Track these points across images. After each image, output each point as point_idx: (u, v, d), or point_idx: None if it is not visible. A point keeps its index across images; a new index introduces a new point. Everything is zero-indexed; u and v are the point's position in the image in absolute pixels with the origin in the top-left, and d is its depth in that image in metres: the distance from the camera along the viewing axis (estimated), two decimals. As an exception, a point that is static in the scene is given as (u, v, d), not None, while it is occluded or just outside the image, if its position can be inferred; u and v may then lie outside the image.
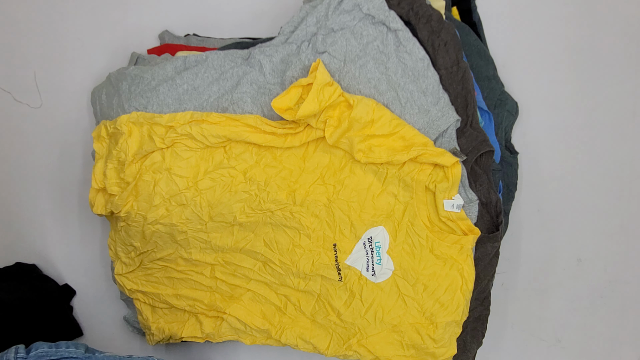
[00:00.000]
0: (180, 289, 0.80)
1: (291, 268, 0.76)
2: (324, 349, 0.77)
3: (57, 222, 0.94)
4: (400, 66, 0.70)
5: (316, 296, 0.76)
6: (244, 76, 0.73)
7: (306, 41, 0.72)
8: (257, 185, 0.73)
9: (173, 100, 0.74)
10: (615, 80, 0.89)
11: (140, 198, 0.75)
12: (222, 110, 0.73)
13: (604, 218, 0.90)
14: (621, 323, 0.91)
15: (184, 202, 0.75)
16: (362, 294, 0.75)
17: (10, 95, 0.92)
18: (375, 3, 0.70)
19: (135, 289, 0.81)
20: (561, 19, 0.89)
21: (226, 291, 0.78)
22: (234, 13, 0.92)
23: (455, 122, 0.70)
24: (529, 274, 0.91)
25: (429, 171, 0.70)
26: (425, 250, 0.72)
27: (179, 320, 0.82)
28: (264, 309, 0.79)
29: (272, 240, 0.76)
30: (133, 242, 0.78)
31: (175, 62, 0.75)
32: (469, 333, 0.76)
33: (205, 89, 0.74)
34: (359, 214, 0.73)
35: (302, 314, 0.78)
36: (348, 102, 0.68)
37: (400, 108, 0.71)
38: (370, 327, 0.75)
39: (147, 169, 0.74)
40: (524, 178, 0.88)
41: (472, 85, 0.70)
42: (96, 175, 0.77)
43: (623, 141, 0.89)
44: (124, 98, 0.76)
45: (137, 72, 0.76)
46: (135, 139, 0.74)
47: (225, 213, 0.74)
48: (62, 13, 0.92)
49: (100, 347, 0.95)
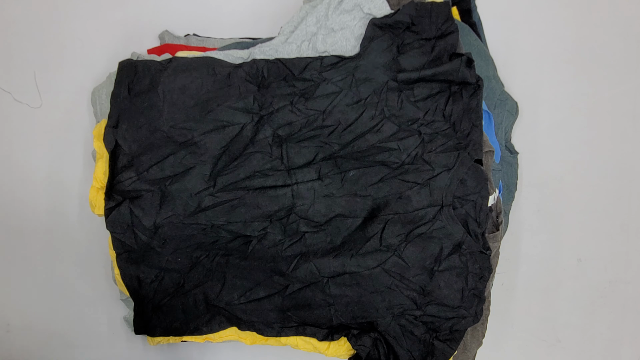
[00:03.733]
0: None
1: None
2: (324, 349, 0.77)
3: (57, 222, 0.93)
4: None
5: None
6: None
7: (306, 41, 0.72)
8: None
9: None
10: (615, 80, 0.89)
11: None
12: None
13: (604, 218, 0.90)
14: (621, 323, 0.91)
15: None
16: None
17: (10, 95, 0.92)
18: (376, 3, 0.70)
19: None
20: (561, 19, 0.89)
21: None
22: (234, 13, 0.92)
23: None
24: (529, 274, 0.91)
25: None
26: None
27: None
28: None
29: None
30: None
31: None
32: (469, 333, 0.76)
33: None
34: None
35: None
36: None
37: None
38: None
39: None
40: (524, 178, 0.88)
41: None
42: (97, 175, 0.77)
43: (623, 141, 0.89)
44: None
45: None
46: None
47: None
48: (62, 13, 0.92)
49: (101, 347, 0.95)
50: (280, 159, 0.72)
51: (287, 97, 0.72)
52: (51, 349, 0.96)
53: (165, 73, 0.73)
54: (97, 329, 0.95)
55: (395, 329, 0.72)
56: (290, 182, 0.73)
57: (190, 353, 0.95)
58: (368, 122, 0.71)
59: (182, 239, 0.75)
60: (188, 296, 0.76)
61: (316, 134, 0.72)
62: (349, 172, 0.72)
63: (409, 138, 0.70)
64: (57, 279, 0.94)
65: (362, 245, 0.72)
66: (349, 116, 0.71)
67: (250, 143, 0.73)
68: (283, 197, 0.73)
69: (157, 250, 0.75)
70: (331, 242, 0.73)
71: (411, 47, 0.70)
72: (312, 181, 0.72)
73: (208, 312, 0.77)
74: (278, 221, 0.73)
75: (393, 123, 0.70)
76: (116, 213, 0.73)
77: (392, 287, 0.72)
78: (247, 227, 0.73)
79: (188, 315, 0.77)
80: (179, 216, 0.74)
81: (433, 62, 0.69)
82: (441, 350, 0.72)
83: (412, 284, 0.71)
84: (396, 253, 0.71)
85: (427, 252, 0.71)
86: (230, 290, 0.76)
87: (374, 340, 0.74)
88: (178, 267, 0.76)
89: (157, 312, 0.77)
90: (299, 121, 0.72)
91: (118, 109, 0.74)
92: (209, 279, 0.76)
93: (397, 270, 0.71)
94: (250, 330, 0.77)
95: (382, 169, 0.71)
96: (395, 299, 0.72)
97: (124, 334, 0.94)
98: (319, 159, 0.72)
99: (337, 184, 0.72)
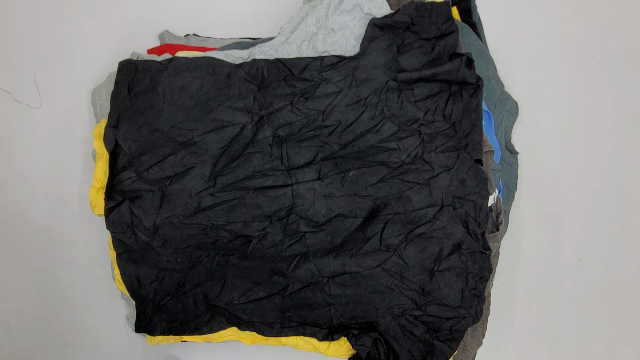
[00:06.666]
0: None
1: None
2: (324, 349, 0.77)
3: (57, 222, 0.94)
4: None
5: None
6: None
7: (306, 41, 0.72)
8: None
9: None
10: (615, 80, 0.89)
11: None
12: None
13: (604, 218, 0.90)
14: (621, 323, 0.91)
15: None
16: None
17: (10, 95, 0.92)
18: (376, 3, 0.70)
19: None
20: (561, 19, 0.89)
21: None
22: (234, 13, 0.92)
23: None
24: (529, 274, 0.91)
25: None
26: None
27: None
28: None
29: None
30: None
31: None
32: (469, 333, 0.76)
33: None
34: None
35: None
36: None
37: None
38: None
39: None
40: (524, 178, 0.89)
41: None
42: (97, 175, 0.77)
43: (623, 141, 0.89)
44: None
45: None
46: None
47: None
48: (62, 13, 0.92)
49: (101, 347, 0.95)
50: (280, 159, 0.72)
51: (287, 97, 0.72)
52: (51, 349, 0.96)
53: (165, 73, 0.73)
54: (97, 329, 0.95)
55: (395, 329, 0.72)
56: (290, 182, 0.72)
57: (190, 353, 0.95)
58: (368, 122, 0.71)
59: (182, 238, 0.75)
60: (188, 296, 0.76)
61: (316, 134, 0.72)
62: (349, 172, 0.72)
63: (409, 138, 0.70)
64: (57, 279, 0.94)
65: (362, 245, 0.72)
66: (349, 116, 0.71)
67: (250, 143, 0.73)
68: (283, 197, 0.73)
69: (157, 250, 0.75)
70: (331, 242, 0.73)
71: (411, 47, 0.70)
72: (312, 181, 0.72)
73: (208, 312, 0.77)
74: (278, 221, 0.73)
75: (393, 123, 0.70)
76: (116, 213, 0.73)
77: (392, 287, 0.72)
78: (247, 227, 0.73)
79: (188, 315, 0.77)
80: (179, 216, 0.74)
81: (433, 62, 0.69)
82: (441, 350, 0.72)
83: (412, 284, 0.71)
84: (396, 253, 0.71)
85: (427, 252, 0.71)
86: (230, 290, 0.76)
87: (374, 340, 0.74)
88: (178, 267, 0.76)
89: (157, 312, 0.77)
90: (299, 121, 0.72)
91: (118, 109, 0.74)
92: (209, 278, 0.76)
93: (397, 270, 0.71)
94: (250, 330, 0.77)
95: (382, 169, 0.71)
96: (395, 299, 0.72)
97: (124, 334, 0.94)
98: (319, 159, 0.72)
99: (337, 184, 0.72)
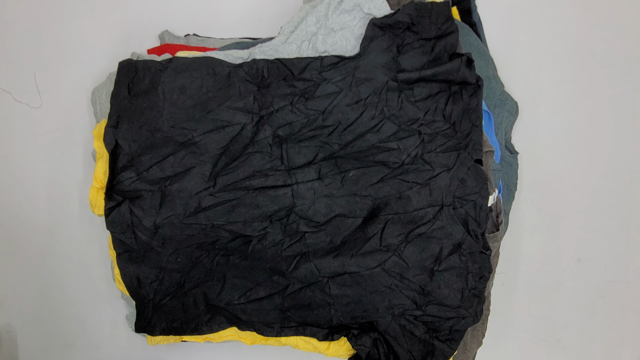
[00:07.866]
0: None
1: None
2: (324, 349, 0.77)
3: (57, 222, 0.94)
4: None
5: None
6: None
7: (306, 41, 0.72)
8: None
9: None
10: (615, 80, 0.89)
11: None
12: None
13: (604, 218, 0.90)
14: (621, 323, 0.91)
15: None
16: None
17: (10, 95, 0.93)
18: (376, 3, 0.70)
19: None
20: (561, 19, 0.89)
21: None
22: (234, 13, 0.92)
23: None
24: (529, 274, 0.91)
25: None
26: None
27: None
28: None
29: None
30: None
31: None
32: (469, 333, 0.76)
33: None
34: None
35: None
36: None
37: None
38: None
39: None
40: (524, 178, 0.88)
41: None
42: (97, 175, 0.77)
43: (623, 141, 0.89)
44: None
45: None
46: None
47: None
48: (62, 13, 0.92)
49: (101, 347, 0.95)
50: (280, 159, 0.72)
51: (287, 97, 0.72)
52: (51, 349, 0.96)
53: (165, 73, 0.73)
54: (97, 329, 0.95)
55: (395, 329, 0.72)
56: (290, 182, 0.73)
57: (190, 353, 0.95)
58: (368, 122, 0.71)
59: (182, 238, 0.75)
60: (188, 296, 0.76)
61: (316, 134, 0.72)
62: (349, 172, 0.72)
63: (409, 138, 0.70)
64: (57, 279, 0.94)
65: (362, 245, 0.72)
66: (349, 116, 0.71)
67: (250, 143, 0.73)
68: (283, 197, 0.73)
69: (157, 250, 0.75)
70: (331, 242, 0.73)
71: (411, 47, 0.70)
72: (312, 181, 0.72)
73: (208, 312, 0.77)
74: (278, 221, 0.73)
75: (393, 123, 0.70)
76: (116, 213, 0.73)
77: (392, 287, 0.72)
78: (247, 227, 0.73)
79: (188, 315, 0.77)
80: (179, 216, 0.74)
81: (433, 62, 0.69)
82: (441, 350, 0.72)
83: (412, 284, 0.71)
84: (396, 253, 0.71)
85: (427, 252, 0.71)
86: (231, 290, 0.76)
87: (374, 340, 0.74)
88: (178, 267, 0.76)
89: (157, 312, 0.77)
90: (299, 121, 0.72)
91: (118, 109, 0.74)
92: (209, 278, 0.76)
93: (397, 270, 0.71)
94: (250, 330, 0.77)
95: (382, 169, 0.71)
96: (395, 299, 0.72)
97: (124, 334, 0.94)
98: (319, 159, 0.72)
99: (337, 184, 0.72)
